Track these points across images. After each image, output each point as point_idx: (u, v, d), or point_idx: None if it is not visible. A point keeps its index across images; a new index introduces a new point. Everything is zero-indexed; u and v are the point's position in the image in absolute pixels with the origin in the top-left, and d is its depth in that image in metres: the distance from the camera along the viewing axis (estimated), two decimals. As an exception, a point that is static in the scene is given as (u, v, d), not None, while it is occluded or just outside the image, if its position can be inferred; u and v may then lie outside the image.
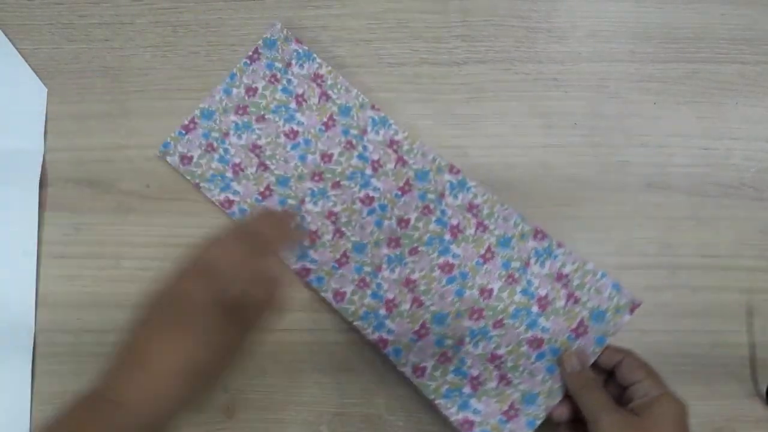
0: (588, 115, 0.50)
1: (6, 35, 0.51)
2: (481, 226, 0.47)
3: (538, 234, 0.46)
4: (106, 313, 0.48)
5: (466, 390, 0.44)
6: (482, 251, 0.47)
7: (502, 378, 0.44)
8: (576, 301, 0.45)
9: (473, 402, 0.44)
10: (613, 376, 0.43)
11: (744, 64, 0.51)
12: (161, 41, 0.51)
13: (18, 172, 0.49)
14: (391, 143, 0.49)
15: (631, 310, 0.44)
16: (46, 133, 0.50)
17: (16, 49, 0.51)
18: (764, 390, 0.46)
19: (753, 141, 0.50)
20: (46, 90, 0.50)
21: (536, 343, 0.45)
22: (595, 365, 0.44)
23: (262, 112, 0.49)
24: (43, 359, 0.47)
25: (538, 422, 0.43)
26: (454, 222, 0.47)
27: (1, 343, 0.47)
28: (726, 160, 0.50)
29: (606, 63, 0.51)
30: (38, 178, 0.49)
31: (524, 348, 0.45)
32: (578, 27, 0.51)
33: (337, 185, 0.48)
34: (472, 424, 0.43)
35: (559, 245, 0.46)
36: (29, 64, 0.51)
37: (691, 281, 0.48)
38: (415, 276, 0.47)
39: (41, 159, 0.49)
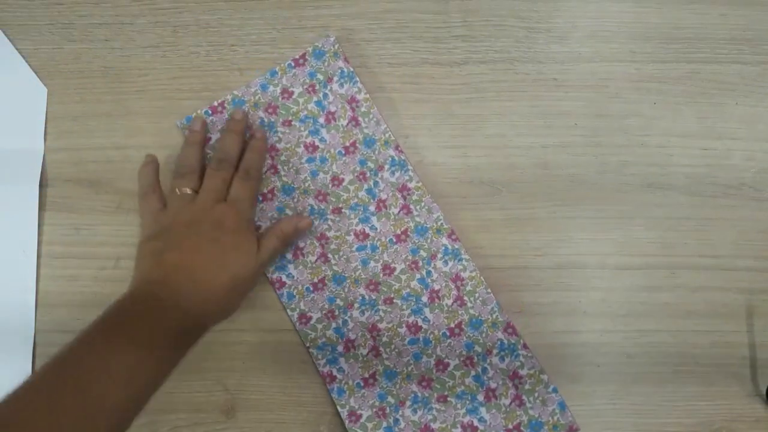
0: (588, 115, 0.50)
1: (6, 35, 0.51)
2: (459, 300, 0.47)
3: (509, 328, 0.47)
4: (106, 313, 0.48)
5: (339, 348, 0.47)
6: (452, 325, 0.47)
7: None
8: (520, 404, 0.46)
9: (341, 361, 0.47)
10: None
11: (744, 64, 0.51)
12: (161, 41, 0.51)
13: (18, 172, 0.49)
14: (403, 188, 0.48)
15: None
16: (46, 133, 0.50)
17: (16, 49, 0.51)
18: (764, 390, 0.46)
19: (753, 141, 0.50)
20: (46, 90, 0.50)
21: (470, 429, 0.45)
22: None
23: (290, 118, 0.49)
24: (43, 359, 0.47)
25: None
26: (436, 287, 0.47)
27: (1, 343, 0.47)
28: (726, 160, 0.50)
29: (606, 63, 0.51)
30: (38, 178, 0.49)
31: (458, 430, 0.45)
32: (578, 27, 0.51)
33: (337, 211, 0.48)
34: (334, 378, 0.46)
35: (525, 347, 0.46)
36: (29, 64, 0.51)
37: (691, 281, 0.48)
38: (381, 325, 0.47)
39: (41, 159, 0.49)
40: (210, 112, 0.49)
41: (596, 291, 0.48)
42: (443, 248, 0.48)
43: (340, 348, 0.46)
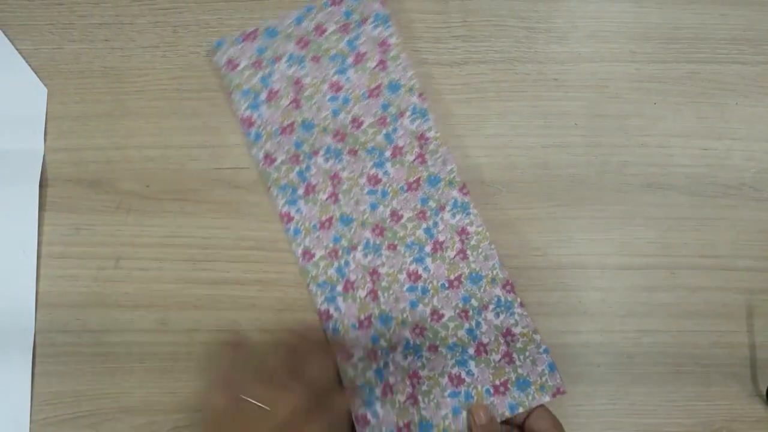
0: (588, 115, 0.50)
1: (6, 35, 0.51)
2: (462, 253, 0.47)
3: (508, 285, 0.47)
4: (106, 313, 0.48)
5: (338, 288, 0.47)
6: (452, 277, 0.47)
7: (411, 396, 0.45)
8: (510, 362, 0.45)
9: (339, 300, 0.47)
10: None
11: (744, 64, 0.51)
12: (161, 41, 0.51)
13: (18, 172, 0.49)
14: (421, 137, 0.49)
15: (554, 395, 0.45)
16: (46, 133, 0.50)
17: (16, 49, 0.51)
18: (764, 390, 0.46)
19: (753, 141, 0.50)
20: (46, 90, 0.50)
21: (457, 380, 0.45)
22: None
23: (320, 54, 0.50)
24: (43, 359, 0.47)
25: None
26: (441, 238, 0.47)
27: (1, 343, 0.47)
28: (726, 160, 0.50)
29: (606, 63, 0.51)
30: (38, 178, 0.49)
31: (444, 380, 0.45)
32: (578, 27, 0.51)
33: (353, 152, 0.49)
34: (330, 317, 0.46)
35: (521, 305, 0.46)
36: (29, 64, 0.51)
37: (691, 281, 0.48)
38: (382, 270, 0.47)
39: (41, 159, 0.49)
40: (241, 39, 0.50)
41: (596, 291, 0.48)
42: (453, 201, 0.48)
43: (339, 288, 0.47)
